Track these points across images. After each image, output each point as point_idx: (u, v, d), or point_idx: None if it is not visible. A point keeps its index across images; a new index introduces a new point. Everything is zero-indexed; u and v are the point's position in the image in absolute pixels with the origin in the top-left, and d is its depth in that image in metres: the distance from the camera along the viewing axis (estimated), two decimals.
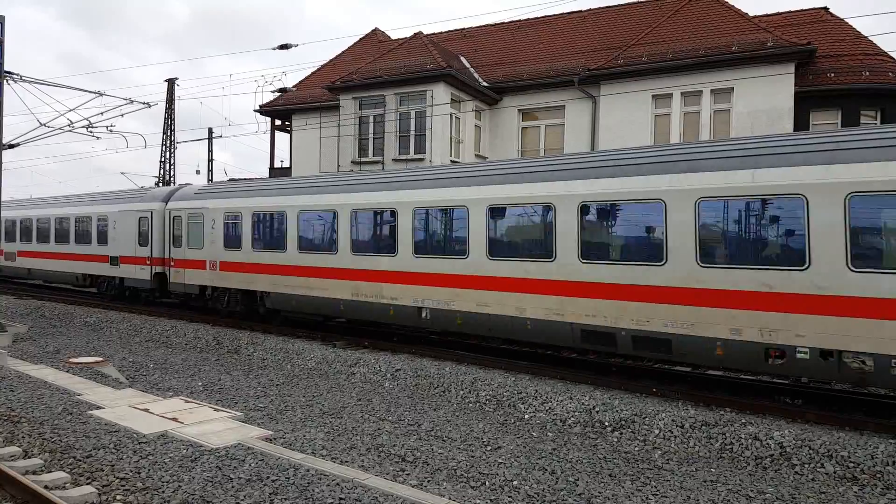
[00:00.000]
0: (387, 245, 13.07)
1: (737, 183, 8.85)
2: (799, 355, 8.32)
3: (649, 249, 9.65)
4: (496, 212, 11.55)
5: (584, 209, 10.41)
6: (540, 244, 10.93)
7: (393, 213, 12.96)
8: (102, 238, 20.80)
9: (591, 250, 10.32)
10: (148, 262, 18.98)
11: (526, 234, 11.22)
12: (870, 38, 18.99)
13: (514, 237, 11.39)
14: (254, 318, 16.50)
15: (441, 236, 12.34)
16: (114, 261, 20.30)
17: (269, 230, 15.47)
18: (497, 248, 11.50)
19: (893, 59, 18.30)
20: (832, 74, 18.15)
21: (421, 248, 12.52)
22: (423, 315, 12.48)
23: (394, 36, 28.94)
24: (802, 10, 21.23)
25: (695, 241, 9.17)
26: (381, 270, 13.10)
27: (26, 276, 25.52)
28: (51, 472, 6.35)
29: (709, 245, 9.09)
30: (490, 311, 11.54)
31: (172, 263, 18.15)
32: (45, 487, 5.78)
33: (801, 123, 17.82)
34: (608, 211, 10.22)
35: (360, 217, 13.54)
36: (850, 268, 7.93)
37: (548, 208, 10.82)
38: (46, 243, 23.63)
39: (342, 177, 14.76)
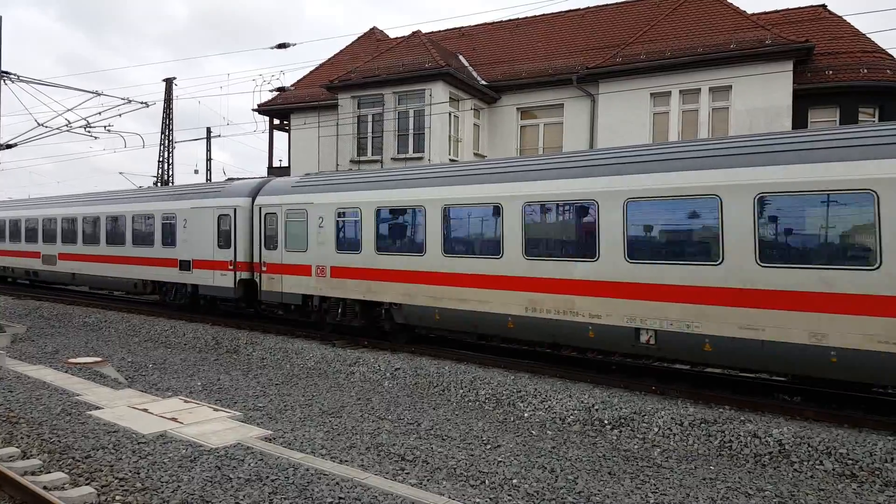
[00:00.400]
0: (582, 247, 10.47)
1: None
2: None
3: None
4: (772, 203, 8.70)
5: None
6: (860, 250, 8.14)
7: (590, 207, 10.37)
8: (169, 239, 18.03)
9: None
10: (230, 267, 16.27)
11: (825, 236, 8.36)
12: (868, 35, 19.00)
13: (801, 238, 8.59)
14: (374, 333, 13.98)
15: (678, 235, 9.61)
16: (185, 265, 17.55)
17: (401, 229, 13.00)
18: (773, 251, 8.67)
19: (891, 56, 18.31)
20: (830, 72, 18.16)
21: (639, 252, 9.81)
22: (644, 339, 9.83)
23: (392, 35, 28.94)
24: (800, 8, 21.23)
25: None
26: (573, 280, 10.46)
27: (69, 281, 22.83)
28: (50, 472, 6.34)
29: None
30: (765, 338, 8.64)
31: (265, 269, 15.52)
32: (44, 488, 5.78)
33: (799, 121, 17.84)
34: None
35: (537, 212, 11.00)
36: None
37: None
38: (95, 245, 20.87)
39: (509, 162, 12.16)
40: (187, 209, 17.67)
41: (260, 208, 15.72)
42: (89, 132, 19.72)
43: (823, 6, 20.94)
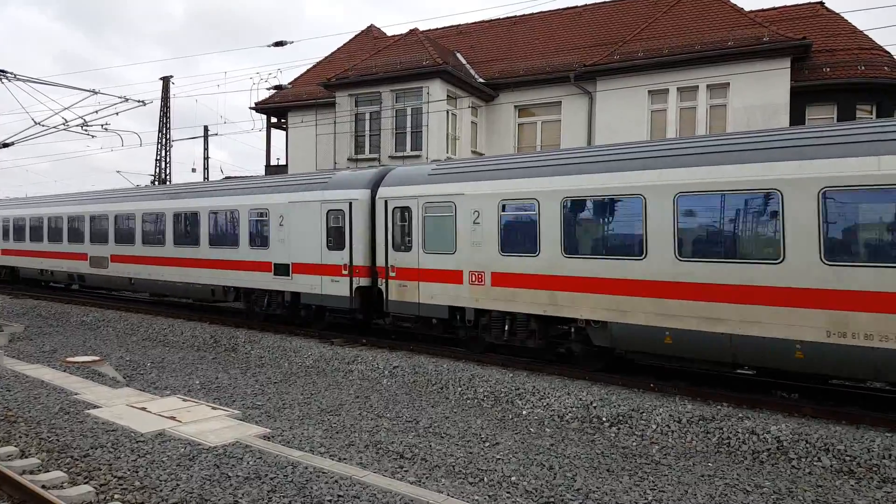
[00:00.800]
0: None
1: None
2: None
3: None
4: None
5: None
6: None
7: None
8: (259, 239, 15.60)
9: None
10: (345, 272, 13.73)
11: None
12: (865, 32, 19.02)
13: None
14: (555, 357, 11.71)
15: None
16: (281, 270, 15.02)
17: (603, 225, 10.41)
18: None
19: (888, 53, 18.33)
20: (828, 69, 18.17)
21: None
22: None
23: (389, 33, 28.89)
24: (798, 5, 21.23)
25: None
26: None
27: (125, 287, 20.33)
28: (48, 471, 6.34)
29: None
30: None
31: (393, 274, 13.07)
32: (43, 487, 5.77)
33: (796, 118, 17.85)
34: None
35: (845, 202, 8.21)
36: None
37: None
38: (158, 245, 18.41)
39: (779, 133, 9.28)
40: (284, 204, 15.08)
41: (385, 202, 13.25)
42: (86, 131, 19.67)
43: (821, 3, 20.95)
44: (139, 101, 19.26)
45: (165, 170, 36.11)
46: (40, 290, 24.44)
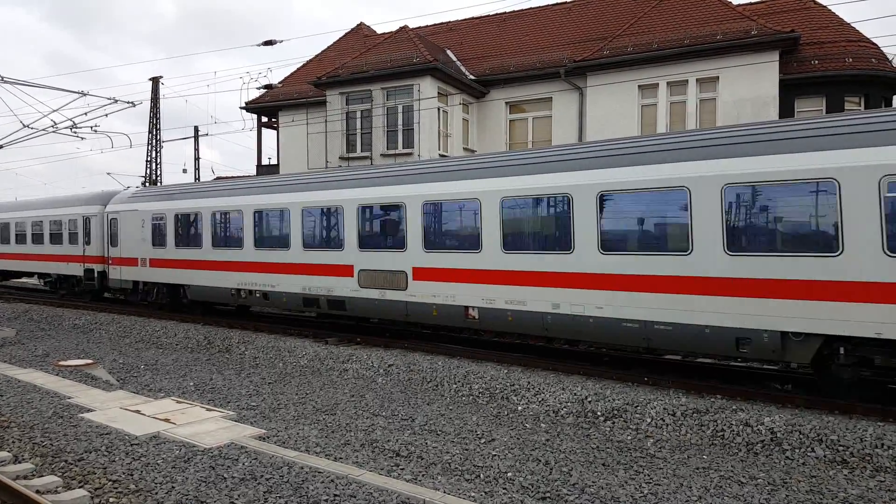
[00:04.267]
0: None
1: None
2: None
3: None
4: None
5: None
6: None
7: None
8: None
9: None
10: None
11: None
12: (852, 24, 19.12)
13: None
14: None
15: None
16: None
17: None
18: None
19: (876, 45, 18.43)
20: (816, 62, 18.25)
21: None
22: None
23: (379, 30, 28.82)
24: None
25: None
26: None
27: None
28: (42, 476, 6.30)
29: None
30: None
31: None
32: (37, 492, 5.74)
33: (786, 111, 17.94)
34: None
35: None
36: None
37: None
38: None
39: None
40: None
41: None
42: (76, 133, 19.55)
43: None
44: (129, 103, 19.15)
45: (156, 171, 35.94)
46: (31, 294, 24.23)
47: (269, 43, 19.62)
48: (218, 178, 29.02)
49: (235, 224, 15.85)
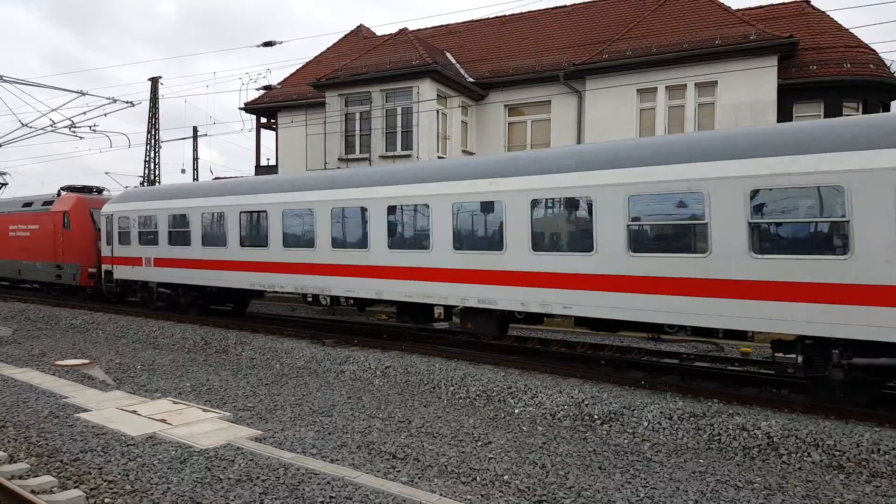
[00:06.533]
0: None
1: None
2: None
3: None
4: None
5: None
6: None
7: None
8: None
9: None
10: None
11: None
12: (850, 30, 19.18)
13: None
14: None
15: None
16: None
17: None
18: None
19: (874, 51, 18.51)
20: (814, 67, 18.32)
21: None
22: None
23: (379, 32, 28.85)
24: (784, 4, 21.40)
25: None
26: None
27: None
28: (37, 476, 6.28)
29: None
30: None
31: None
32: (32, 492, 5.72)
33: (784, 116, 17.99)
34: None
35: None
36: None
37: None
38: None
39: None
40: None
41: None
42: (74, 132, 19.53)
43: (807, 2, 21.12)
44: (127, 102, 19.16)
45: (154, 171, 35.91)
46: (28, 293, 24.15)
47: (268, 44, 19.65)
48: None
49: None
